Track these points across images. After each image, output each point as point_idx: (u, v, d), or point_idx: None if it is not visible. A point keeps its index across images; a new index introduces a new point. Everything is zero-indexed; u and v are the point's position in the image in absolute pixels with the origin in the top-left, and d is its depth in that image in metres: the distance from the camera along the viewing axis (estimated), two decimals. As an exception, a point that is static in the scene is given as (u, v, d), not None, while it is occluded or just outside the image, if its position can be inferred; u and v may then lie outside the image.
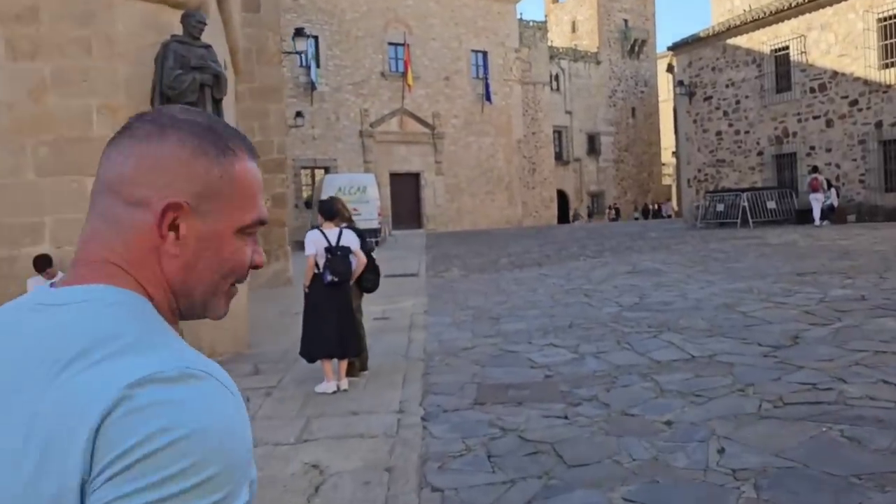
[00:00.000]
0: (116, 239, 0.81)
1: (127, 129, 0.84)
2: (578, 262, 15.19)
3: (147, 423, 0.66)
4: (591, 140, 51.13)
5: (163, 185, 0.80)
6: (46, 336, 0.74)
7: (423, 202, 33.70)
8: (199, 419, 0.68)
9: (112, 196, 0.81)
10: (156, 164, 0.81)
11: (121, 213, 0.81)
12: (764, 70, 22.23)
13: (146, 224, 0.80)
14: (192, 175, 0.81)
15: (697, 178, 24.98)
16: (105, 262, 0.81)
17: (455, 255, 19.18)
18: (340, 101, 31.38)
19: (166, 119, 0.83)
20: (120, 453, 0.65)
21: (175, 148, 0.81)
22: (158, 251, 0.81)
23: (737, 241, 16.63)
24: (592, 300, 9.80)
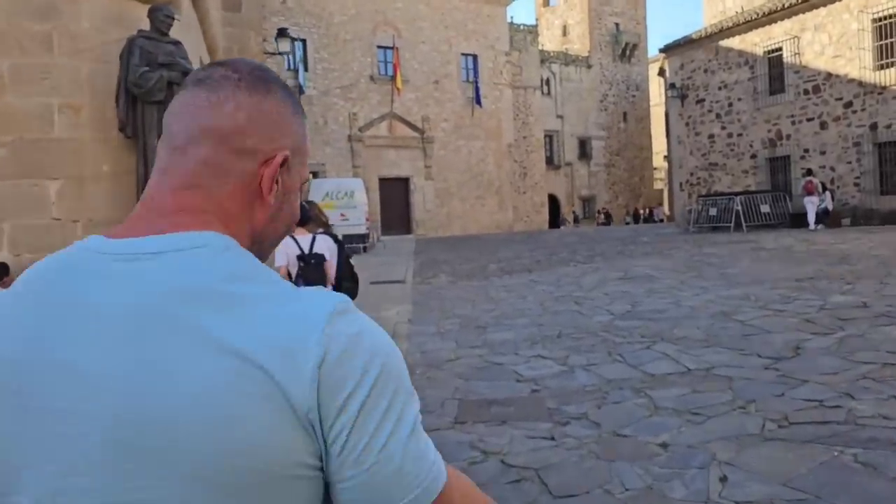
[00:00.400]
0: (218, 187, 0.83)
1: (224, 78, 0.85)
2: (569, 267, 14.85)
3: (358, 354, 0.73)
4: (583, 144, 50.93)
5: (269, 138, 0.85)
6: (174, 277, 0.74)
7: (413, 207, 33.35)
8: (383, 339, 0.77)
9: (218, 144, 0.83)
10: (266, 117, 0.84)
11: (228, 160, 0.83)
12: (757, 72, 21.99)
13: (251, 173, 0.84)
14: (291, 131, 0.87)
15: (690, 182, 24.70)
16: (202, 212, 0.82)
17: (444, 260, 18.82)
18: (329, 105, 31.02)
19: (264, 72, 0.88)
20: (353, 387, 0.71)
21: (280, 103, 0.86)
22: (255, 200, 0.85)
23: (731, 246, 16.32)
24: (583, 308, 9.44)
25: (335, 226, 22.80)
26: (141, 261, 0.77)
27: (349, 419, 0.71)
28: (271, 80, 0.87)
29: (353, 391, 0.71)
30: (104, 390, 0.71)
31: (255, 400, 0.69)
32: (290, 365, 0.70)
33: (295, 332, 0.72)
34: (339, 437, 0.71)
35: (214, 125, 0.83)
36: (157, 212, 0.82)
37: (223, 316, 0.72)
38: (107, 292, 0.75)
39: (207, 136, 0.83)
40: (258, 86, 0.85)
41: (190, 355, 0.70)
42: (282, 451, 0.70)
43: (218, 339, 0.71)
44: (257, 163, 0.84)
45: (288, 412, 0.70)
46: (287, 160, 0.85)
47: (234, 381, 0.69)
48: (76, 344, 0.73)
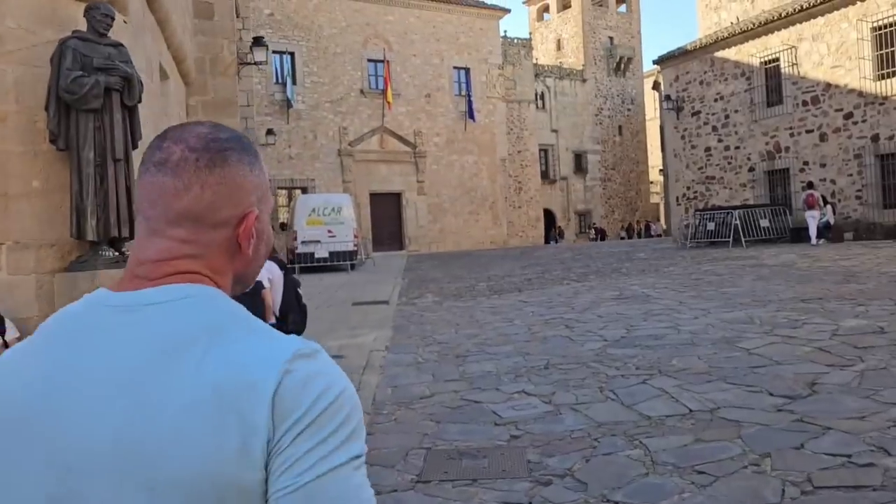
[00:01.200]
0: (201, 255, 0.92)
1: (181, 160, 0.91)
2: (561, 286, 14.14)
3: (310, 390, 0.82)
4: (578, 158, 50.40)
5: (237, 204, 0.93)
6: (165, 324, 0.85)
7: (405, 223, 32.67)
8: (340, 381, 0.85)
9: (194, 224, 0.91)
10: (230, 188, 0.92)
11: (205, 236, 0.92)
12: (754, 83, 21.41)
13: (228, 239, 0.93)
14: (253, 186, 0.95)
15: (686, 196, 24.07)
16: (191, 272, 0.91)
17: (432, 278, 18.10)
18: (318, 119, 30.40)
19: (217, 141, 0.93)
20: (299, 416, 0.80)
21: (239, 167, 0.93)
22: (235, 254, 0.95)
23: (730, 262, 15.64)
24: (574, 333, 8.72)
25: (322, 243, 22.15)
26: (136, 312, 0.87)
27: (290, 438, 0.80)
28: (226, 146, 0.93)
29: (301, 417, 0.80)
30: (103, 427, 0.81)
31: (222, 429, 0.79)
32: (253, 396, 0.80)
33: (259, 367, 0.82)
34: (280, 450, 0.79)
35: (186, 209, 0.90)
36: (147, 277, 0.91)
37: (203, 356, 0.82)
38: (108, 341, 0.86)
39: (183, 220, 0.91)
40: (216, 160, 0.91)
41: (173, 392, 0.80)
42: (247, 473, 0.79)
43: (197, 375, 0.81)
44: (232, 227, 0.93)
45: (250, 439, 0.79)
46: (256, 216, 0.95)
47: (208, 412, 0.79)
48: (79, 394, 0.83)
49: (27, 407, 0.84)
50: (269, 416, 0.80)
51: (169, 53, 10.57)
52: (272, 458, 0.80)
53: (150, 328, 0.85)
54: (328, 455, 0.80)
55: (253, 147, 0.97)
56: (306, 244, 21.62)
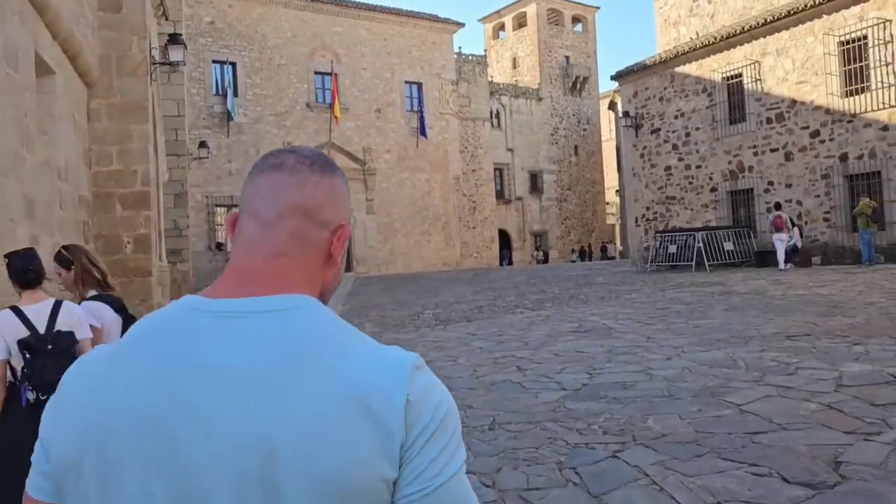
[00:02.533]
0: (303, 254, 0.97)
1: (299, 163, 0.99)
2: (514, 315, 12.78)
3: (431, 399, 0.88)
4: (534, 178, 49.49)
5: (338, 210, 1.00)
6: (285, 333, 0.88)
7: (353, 243, 31.11)
8: (448, 395, 0.92)
9: (303, 218, 0.97)
10: (335, 194, 1.00)
11: (310, 231, 0.97)
12: (715, 99, 20.52)
13: (326, 241, 0.99)
14: (347, 200, 1.03)
15: (646, 217, 23.04)
16: (290, 276, 0.95)
17: (375, 305, 16.62)
18: (261, 133, 28.78)
19: (327, 158, 1.03)
20: (426, 424, 0.86)
21: (341, 181, 1.03)
22: (324, 265, 1.00)
23: (696, 289, 14.49)
24: (526, 377, 7.33)
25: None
26: (247, 319, 0.89)
27: (420, 445, 0.85)
28: (331, 162, 1.03)
29: (427, 425, 0.86)
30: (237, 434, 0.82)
31: (363, 431, 0.83)
32: (388, 405, 0.85)
33: (389, 376, 0.87)
34: (409, 460, 0.85)
35: (299, 203, 0.97)
36: (249, 277, 0.94)
37: (329, 363, 0.86)
38: (220, 349, 0.87)
39: (294, 212, 0.96)
40: (327, 168, 1.01)
41: (310, 398, 0.83)
42: (381, 474, 0.83)
43: (330, 382, 0.84)
44: (330, 232, 0.99)
45: (387, 441, 0.84)
46: (349, 226, 1.02)
47: (347, 418, 0.83)
48: (205, 397, 0.84)
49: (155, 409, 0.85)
50: (403, 422, 0.84)
51: (56, 45, 8.99)
52: (404, 464, 0.85)
53: (270, 336, 0.87)
54: (450, 461, 0.87)
55: None
56: (241, 266, 19.92)
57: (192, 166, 26.66)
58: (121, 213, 10.90)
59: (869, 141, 16.92)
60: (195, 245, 26.55)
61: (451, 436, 0.88)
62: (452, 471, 0.87)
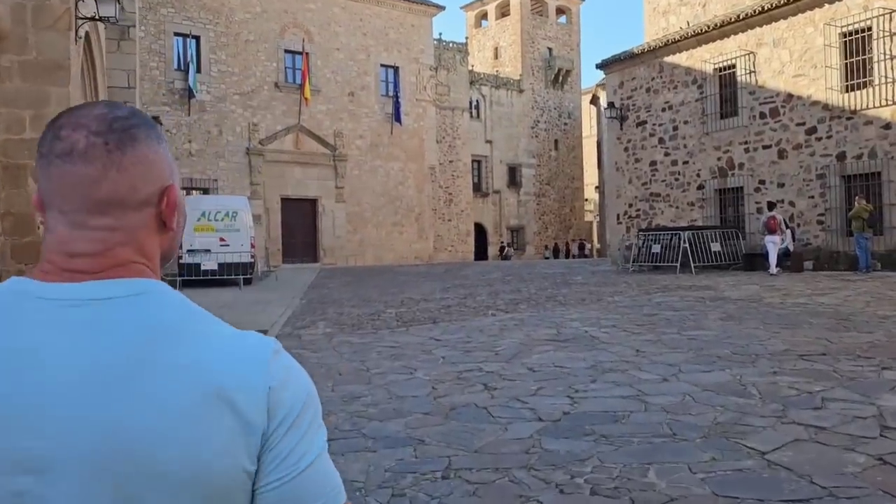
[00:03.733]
0: (129, 237, 0.88)
1: (89, 147, 0.85)
2: (486, 318, 11.49)
3: (291, 386, 0.86)
4: (512, 172, 48.27)
5: (155, 180, 0.89)
6: (132, 321, 0.82)
7: (321, 232, 29.66)
8: (307, 378, 0.91)
9: (117, 209, 0.87)
10: (148, 165, 0.88)
11: (132, 219, 0.88)
12: (706, 92, 19.37)
13: (153, 217, 0.90)
14: (164, 160, 0.92)
15: (628, 214, 21.88)
16: (131, 263, 0.88)
17: (336, 300, 15.25)
18: (224, 112, 27.19)
19: (122, 120, 0.88)
20: (287, 412, 0.85)
21: (148, 145, 0.89)
22: (160, 234, 0.92)
23: (684, 293, 13.31)
24: (494, 400, 6.03)
25: (212, 253, 19.00)
26: (89, 307, 0.82)
27: (282, 433, 0.84)
28: (131, 124, 0.88)
29: (288, 412, 0.85)
30: (81, 430, 0.77)
31: (220, 424, 0.80)
32: (248, 394, 0.82)
33: (248, 365, 0.84)
34: (270, 448, 0.83)
35: (108, 197, 0.86)
36: (85, 271, 0.85)
37: (183, 352, 0.81)
38: (56, 342, 0.80)
39: (106, 207, 0.86)
40: (125, 140, 0.87)
41: (161, 390, 0.79)
42: (240, 464, 0.81)
43: (182, 373, 0.80)
44: (153, 205, 0.89)
45: (247, 432, 0.81)
46: (174, 187, 0.92)
47: (203, 409, 0.79)
48: (42, 396, 0.78)
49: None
50: (265, 411, 0.83)
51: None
52: (265, 452, 0.83)
53: (115, 325, 0.82)
54: (313, 443, 0.86)
55: (151, 119, 0.93)
56: (193, 253, 18.46)
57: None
58: (34, 189, 9.42)
59: (869, 139, 15.86)
60: (150, 229, 24.97)
61: (311, 420, 0.87)
62: (314, 455, 0.86)
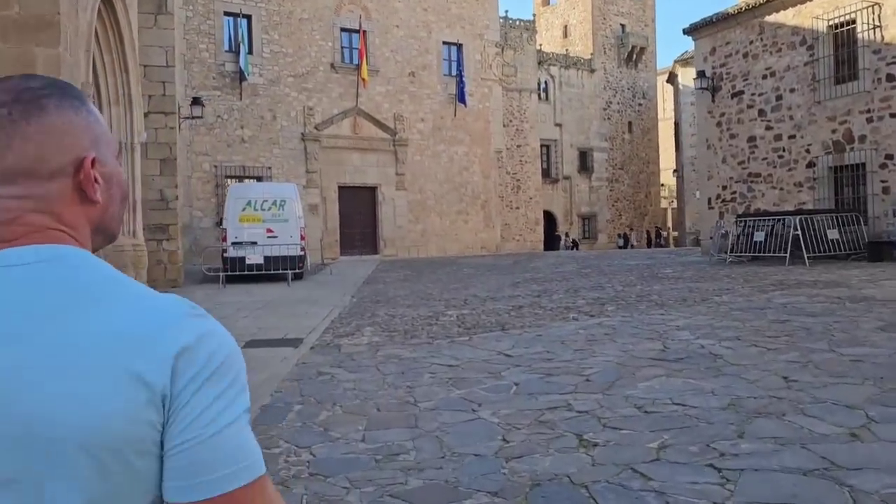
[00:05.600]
0: (48, 212, 0.87)
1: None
2: (567, 323, 9.38)
3: (206, 346, 0.83)
4: (583, 156, 45.69)
5: (69, 149, 0.88)
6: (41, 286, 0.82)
7: (380, 222, 27.89)
8: (229, 339, 0.87)
9: (26, 180, 0.86)
10: (53, 135, 0.86)
11: (43, 188, 0.86)
12: (818, 53, 16.65)
13: (69, 187, 0.88)
14: (82, 130, 0.90)
15: (722, 198, 19.31)
16: (46, 229, 0.86)
17: (390, 298, 13.37)
18: (279, 96, 25.65)
19: (28, 90, 0.87)
20: (197, 371, 0.81)
21: (59, 115, 0.88)
22: (83, 205, 0.90)
23: (810, 290, 10.89)
24: (598, 471, 3.98)
25: (259, 245, 17.36)
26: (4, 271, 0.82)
27: (189, 394, 0.81)
28: (41, 94, 0.87)
29: (197, 373, 0.81)
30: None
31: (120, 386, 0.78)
32: (151, 354, 0.80)
33: (153, 325, 0.82)
34: (177, 409, 0.81)
35: (13, 167, 0.85)
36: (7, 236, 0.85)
37: (89, 315, 0.80)
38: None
39: (13, 176, 0.85)
40: (30, 110, 0.86)
41: (58, 352, 0.78)
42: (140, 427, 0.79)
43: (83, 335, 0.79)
44: (69, 175, 0.88)
45: (149, 393, 0.79)
46: (95, 160, 0.89)
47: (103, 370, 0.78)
48: None
49: None
50: (169, 372, 0.80)
51: None
52: (172, 413, 0.81)
53: (23, 289, 0.81)
54: (227, 408, 0.82)
55: (75, 90, 0.92)
56: (238, 246, 16.87)
57: (200, 132, 23.74)
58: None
59: None
60: (201, 221, 23.67)
61: (231, 382, 0.84)
62: (229, 419, 0.83)
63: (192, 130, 22.89)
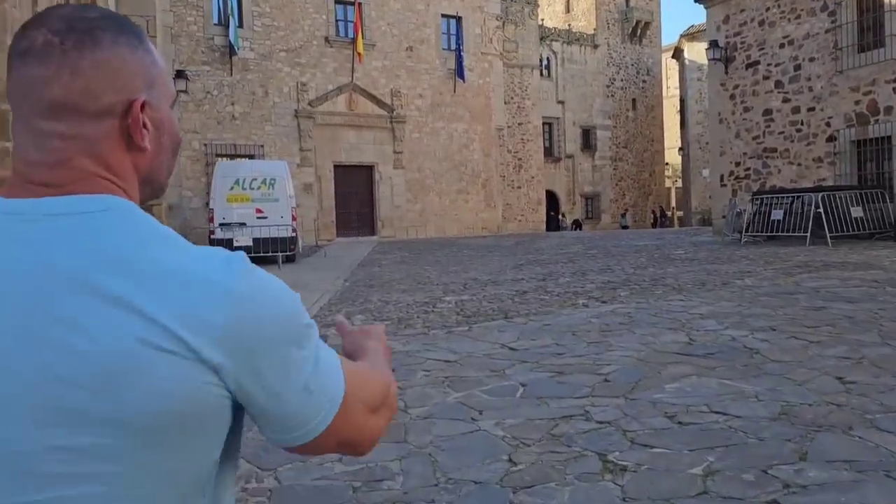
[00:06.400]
0: (93, 151, 0.81)
1: (45, 44, 0.79)
2: (577, 310, 8.51)
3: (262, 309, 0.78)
4: (586, 134, 44.62)
5: (120, 88, 0.81)
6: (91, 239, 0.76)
7: (378, 202, 26.97)
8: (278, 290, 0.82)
9: (73, 116, 0.80)
10: (105, 70, 0.80)
11: (89, 128, 0.81)
12: (840, 19, 15.65)
13: (117, 128, 0.82)
14: (136, 70, 0.83)
15: (735, 175, 18.38)
16: (95, 177, 0.81)
17: (386, 281, 12.51)
18: (270, 71, 24.64)
19: (83, 21, 0.81)
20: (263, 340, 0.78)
21: (113, 48, 0.81)
22: (131, 151, 0.84)
23: (840, 273, 10.01)
24: (634, 512, 3.11)
25: (248, 227, 16.45)
26: (45, 222, 0.77)
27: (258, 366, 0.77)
28: (95, 25, 0.81)
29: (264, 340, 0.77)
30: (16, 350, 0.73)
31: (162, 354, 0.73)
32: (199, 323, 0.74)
33: (202, 293, 0.76)
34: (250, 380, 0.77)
35: (60, 100, 0.79)
36: (45, 183, 0.80)
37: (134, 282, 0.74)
38: (15, 253, 0.76)
39: (58, 111, 0.80)
40: (84, 41, 0.80)
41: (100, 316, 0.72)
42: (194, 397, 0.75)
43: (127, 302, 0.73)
44: (119, 117, 0.82)
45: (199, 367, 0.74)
46: (146, 103, 0.83)
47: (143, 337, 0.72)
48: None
49: None
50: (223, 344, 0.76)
51: None
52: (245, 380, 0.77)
53: (64, 244, 0.76)
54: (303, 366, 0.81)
55: (135, 27, 0.85)
56: (226, 228, 15.98)
57: (189, 109, 22.78)
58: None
59: None
60: (191, 201, 22.78)
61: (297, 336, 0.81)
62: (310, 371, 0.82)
63: (180, 107, 21.91)
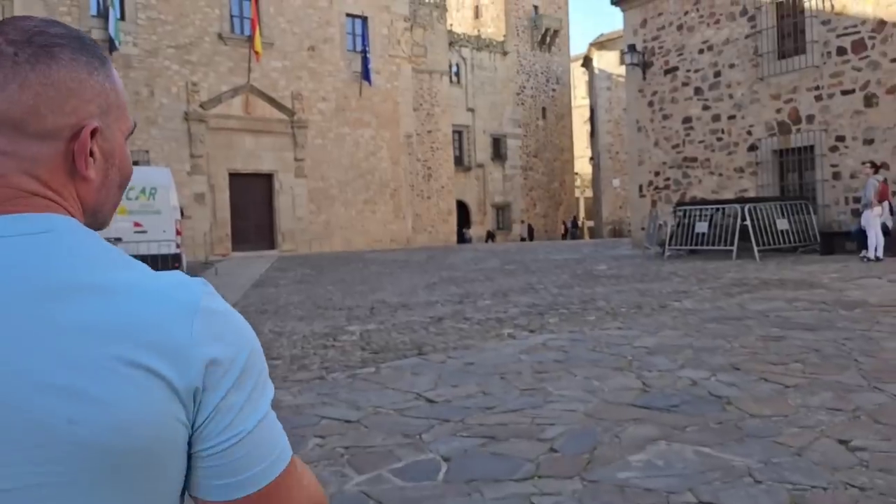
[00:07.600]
0: (34, 176, 0.76)
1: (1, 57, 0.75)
2: (502, 343, 7.24)
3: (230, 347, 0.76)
4: (497, 143, 44.00)
5: (71, 111, 0.77)
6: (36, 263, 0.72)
7: (278, 213, 25.15)
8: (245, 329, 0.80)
9: (12, 130, 0.75)
10: (58, 90, 0.76)
11: (30, 148, 0.76)
12: (760, 24, 15.16)
13: (61, 154, 0.77)
14: (92, 94, 0.79)
15: (654, 185, 17.69)
16: (33, 195, 0.77)
17: (281, 307, 10.94)
18: (157, 69, 22.51)
19: (43, 35, 0.77)
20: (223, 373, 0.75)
21: (71, 69, 0.77)
22: (74, 178, 0.79)
23: (783, 293, 9.15)
24: None
25: (125, 242, 14.41)
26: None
27: (220, 397, 0.75)
28: (55, 42, 0.77)
29: (225, 373, 0.75)
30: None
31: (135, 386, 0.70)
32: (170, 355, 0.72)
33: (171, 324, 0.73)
34: (210, 413, 0.75)
35: (2, 113, 0.75)
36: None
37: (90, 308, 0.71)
38: None
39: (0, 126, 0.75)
40: (39, 56, 0.76)
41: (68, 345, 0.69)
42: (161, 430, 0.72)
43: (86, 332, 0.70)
44: (65, 141, 0.77)
45: (168, 395, 0.72)
46: (96, 130, 0.79)
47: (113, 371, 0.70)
48: None
49: None
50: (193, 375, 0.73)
51: None
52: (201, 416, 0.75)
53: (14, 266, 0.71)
54: (259, 401, 0.78)
55: (97, 49, 0.81)
56: (97, 243, 13.93)
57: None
58: None
59: None
60: (64, 212, 20.34)
61: (256, 377, 0.79)
62: (263, 412, 0.78)
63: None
